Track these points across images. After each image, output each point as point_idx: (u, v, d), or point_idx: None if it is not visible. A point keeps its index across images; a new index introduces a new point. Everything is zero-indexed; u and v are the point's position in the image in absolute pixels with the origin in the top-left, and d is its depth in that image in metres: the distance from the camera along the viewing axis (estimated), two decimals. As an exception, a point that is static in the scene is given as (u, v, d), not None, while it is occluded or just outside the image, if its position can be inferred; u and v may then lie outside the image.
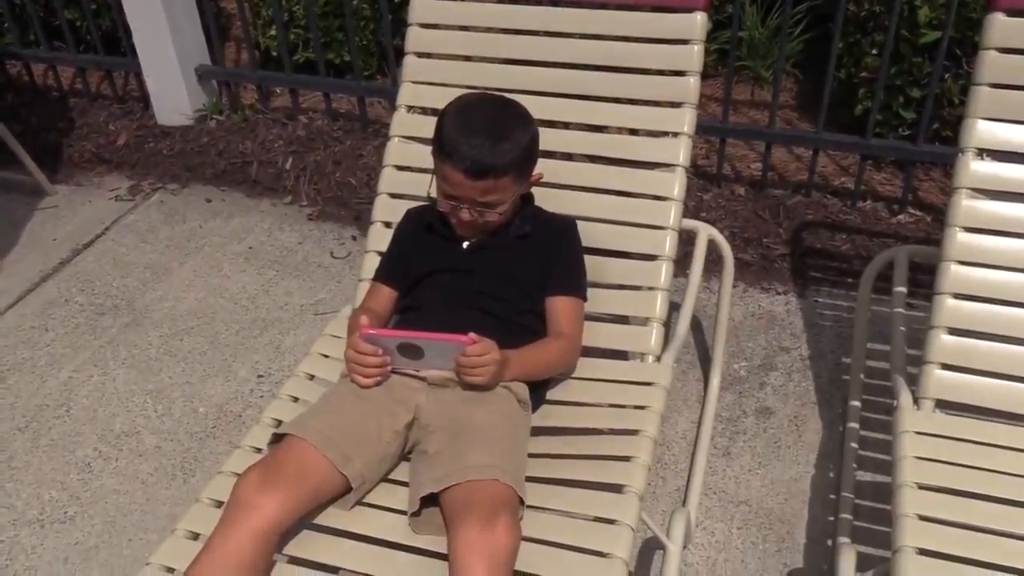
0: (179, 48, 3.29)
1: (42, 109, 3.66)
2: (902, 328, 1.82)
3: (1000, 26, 1.61)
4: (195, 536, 1.38)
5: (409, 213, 1.75)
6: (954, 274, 1.61)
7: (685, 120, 1.76)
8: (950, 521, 1.36)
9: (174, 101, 3.41)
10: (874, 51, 2.76)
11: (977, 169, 1.63)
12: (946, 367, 1.59)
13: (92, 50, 3.62)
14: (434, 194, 1.56)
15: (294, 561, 1.33)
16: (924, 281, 2.23)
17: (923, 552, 1.30)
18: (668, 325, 1.72)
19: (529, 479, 1.40)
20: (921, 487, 1.41)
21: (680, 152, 1.75)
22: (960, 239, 1.62)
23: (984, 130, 1.63)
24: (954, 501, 1.39)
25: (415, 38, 1.93)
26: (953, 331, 1.60)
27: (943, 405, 1.59)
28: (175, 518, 1.92)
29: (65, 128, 3.55)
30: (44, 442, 2.21)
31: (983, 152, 1.64)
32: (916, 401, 1.59)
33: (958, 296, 1.61)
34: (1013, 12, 1.60)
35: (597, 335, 1.70)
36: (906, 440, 1.50)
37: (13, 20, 3.65)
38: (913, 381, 1.62)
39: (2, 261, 2.87)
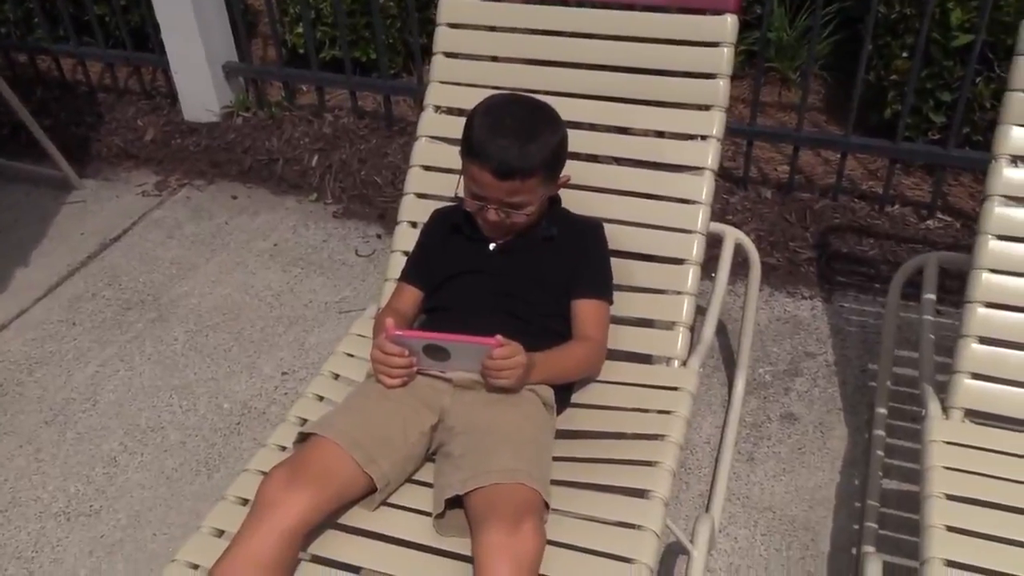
0: (207, 45, 3.31)
1: (71, 104, 3.70)
2: (931, 336, 1.81)
3: (1036, 31, 1.59)
4: (220, 533, 1.39)
5: (436, 214, 1.75)
6: (985, 282, 1.60)
7: (714, 123, 1.75)
8: (979, 533, 1.34)
9: (201, 97, 3.43)
10: (904, 54, 2.74)
11: (1010, 176, 1.61)
12: (976, 376, 1.57)
13: (121, 46, 3.65)
14: (462, 194, 1.56)
15: (318, 560, 1.34)
16: (953, 287, 2.21)
17: (951, 564, 1.29)
18: (694, 329, 1.71)
19: (553, 483, 1.39)
20: (950, 498, 1.40)
21: (708, 156, 1.74)
22: (992, 247, 1.60)
23: (1018, 137, 1.61)
24: (983, 512, 1.38)
25: (443, 38, 1.93)
26: (984, 340, 1.59)
27: (972, 415, 1.57)
28: (199, 514, 1.94)
29: (93, 123, 3.58)
30: (71, 435, 2.23)
31: (1016, 159, 1.62)
32: (945, 410, 1.58)
33: (989, 305, 1.60)
34: (1050, 17, 1.59)
35: (623, 338, 1.69)
36: (935, 450, 1.49)
37: (43, 15, 3.68)
38: (942, 390, 1.61)
39: (30, 255, 2.90)
